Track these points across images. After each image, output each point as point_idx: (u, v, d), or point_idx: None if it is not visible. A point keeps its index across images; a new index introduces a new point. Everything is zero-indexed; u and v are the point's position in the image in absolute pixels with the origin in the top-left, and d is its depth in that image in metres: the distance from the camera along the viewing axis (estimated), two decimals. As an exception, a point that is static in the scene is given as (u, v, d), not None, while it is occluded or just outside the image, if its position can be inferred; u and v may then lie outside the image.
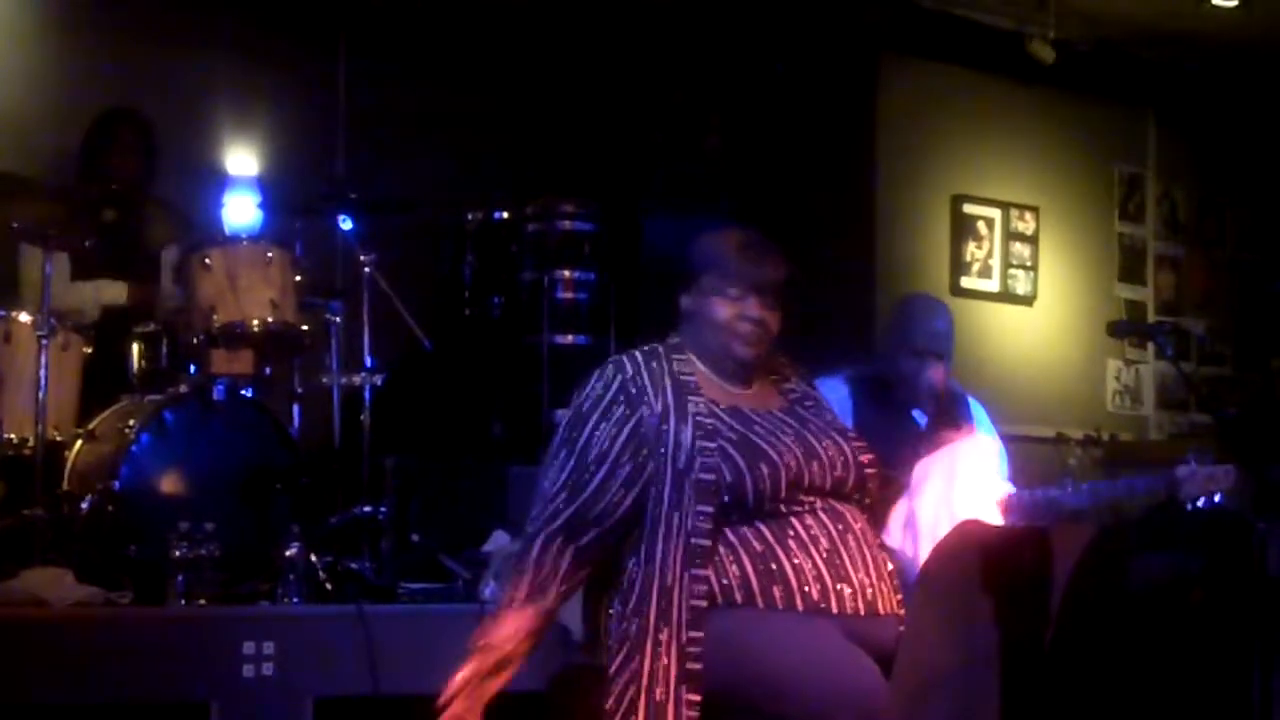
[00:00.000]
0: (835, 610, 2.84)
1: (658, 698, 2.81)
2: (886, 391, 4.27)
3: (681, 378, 2.99)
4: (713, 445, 2.88)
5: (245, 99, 6.03)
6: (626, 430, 2.93)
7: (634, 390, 2.96)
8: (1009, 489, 3.15)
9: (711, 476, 2.85)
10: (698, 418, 2.92)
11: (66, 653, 3.71)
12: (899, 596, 2.93)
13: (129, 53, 5.89)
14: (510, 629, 2.92)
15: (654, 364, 3.01)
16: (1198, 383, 7.30)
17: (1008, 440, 4.25)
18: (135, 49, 5.90)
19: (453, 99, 6.49)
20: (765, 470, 2.87)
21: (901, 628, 2.89)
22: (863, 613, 2.86)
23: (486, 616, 2.96)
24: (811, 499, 2.92)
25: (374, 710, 3.98)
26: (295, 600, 4.29)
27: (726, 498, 2.86)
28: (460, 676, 2.89)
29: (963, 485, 3.04)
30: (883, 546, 2.99)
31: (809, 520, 2.90)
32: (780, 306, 3.10)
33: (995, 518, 3.05)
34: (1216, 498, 3.80)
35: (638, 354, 3.04)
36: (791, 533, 2.88)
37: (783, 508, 2.89)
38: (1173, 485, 3.85)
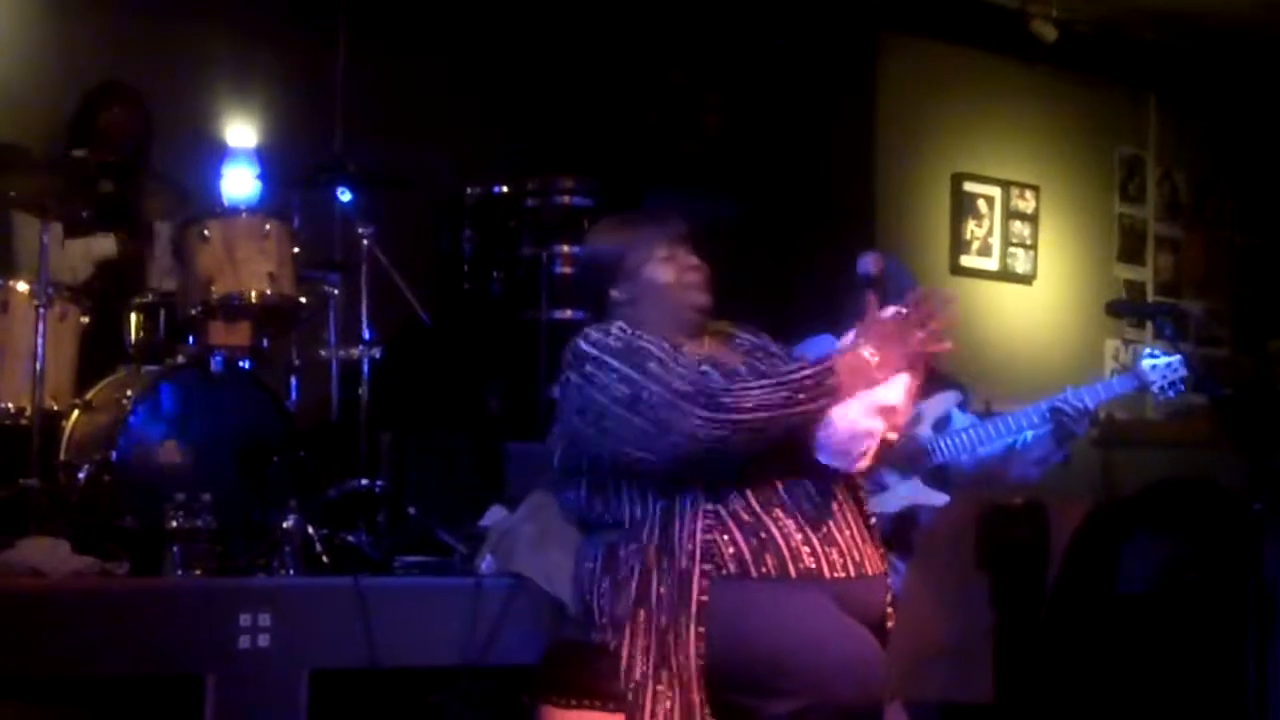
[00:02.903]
0: (827, 575, 2.85)
1: (662, 670, 2.81)
2: None
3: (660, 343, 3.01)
4: None
5: (244, 71, 6.01)
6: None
7: (629, 337, 2.97)
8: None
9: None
10: None
11: (62, 623, 3.69)
12: (882, 553, 2.95)
13: (127, 23, 5.87)
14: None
15: (624, 329, 3.03)
16: (1196, 363, 7.30)
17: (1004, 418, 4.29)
18: (133, 20, 5.88)
19: (452, 73, 6.48)
20: None
21: (888, 584, 2.92)
22: (853, 575, 2.88)
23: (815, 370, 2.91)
24: (790, 461, 2.93)
25: (370, 683, 3.98)
26: (291, 572, 4.29)
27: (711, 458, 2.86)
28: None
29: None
30: (856, 491, 3.00)
31: (793, 487, 2.92)
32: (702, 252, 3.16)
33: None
34: (1182, 387, 4.03)
35: (612, 324, 3.06)
36: (777, 501, 2.89)
37: (765, 470, 2.90)
38: (1142, 378, 4.10)
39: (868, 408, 2.86)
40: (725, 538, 2.86)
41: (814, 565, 2.85)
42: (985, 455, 4.14)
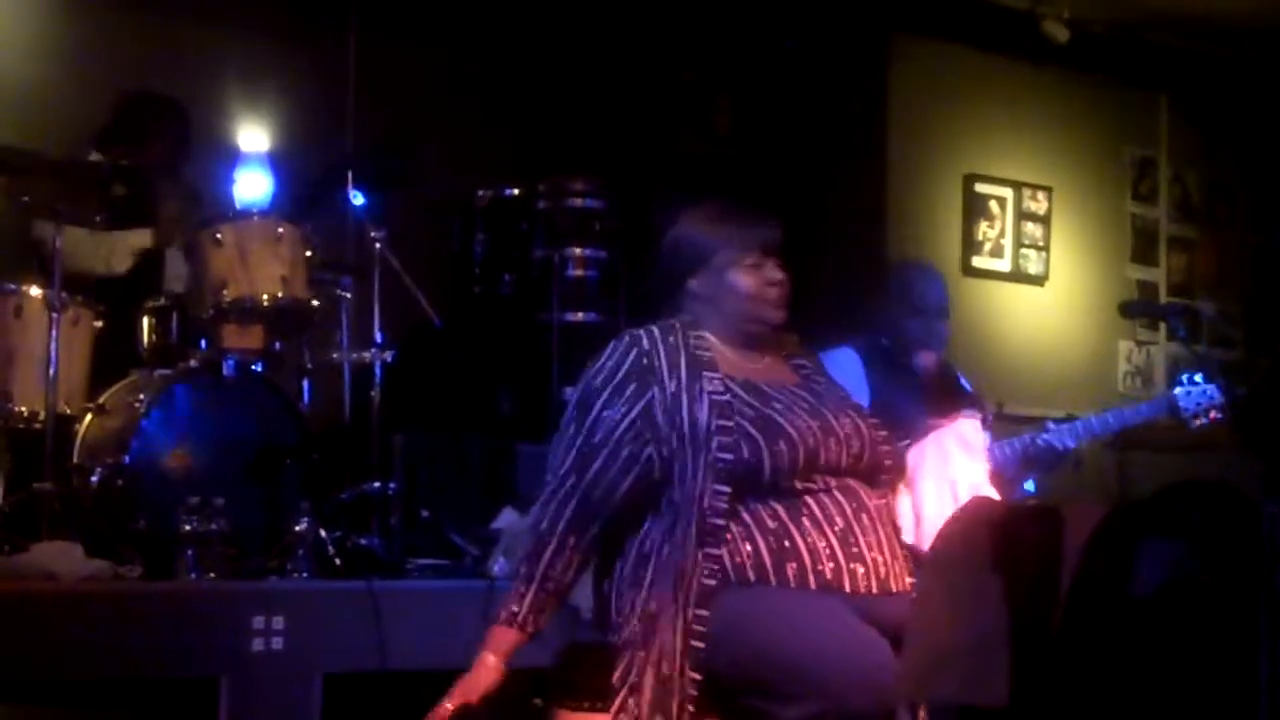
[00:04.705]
0: (849, 589, 2.83)
1: (664, 672, 2.81)
2: (892, 357, 4.36)
3: (697, 353, 2.98)
4: (730, 424, 2.86)
5: (256, 75, 6.02)
6: (636, 410, 2.92)
7: (648, 365, 2.94)
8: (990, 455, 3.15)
9: (730, 456, 2.83)
10: (714, 396, 2.90)
11: (75, 627, 3.71)
12: (912, 573, 2.93)
13: (140, 28, 5.90)
14: (510, 644, 2.96)
15: (670, 339, 2.99)
16: (1209, 364, 7.29)
17: (1016, 421, 4.28)
18: (147, 25, 5.90)
19: (463, 76, 6.49)
20: (784, 448, 2.86)
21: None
22: (875, 591, 2.85)
23: (495, 615, 2.97)
24: (827, 478, 2.91)
25: (383, 685, 3.99)
26: (304, 575, 4.29)
27: (743, 476, 2.84)
28: (460, 689, 2.92)
29: (959, 472, 3.01)
30: (897, 528, 2.99)
31: (824, 499, 2.89)
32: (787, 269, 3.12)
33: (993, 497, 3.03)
34: (1213, 415, 3.96)
35: (655, 329, 3.02)
36: (805, 511, 2.87)
37: (798, 485, 2.88)
38: (1173, 406, 4.03)
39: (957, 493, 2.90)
40: (748, 543, 2.84)
41: (835, 579, 2.83)
42: None
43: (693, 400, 2.91)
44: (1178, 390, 4.19)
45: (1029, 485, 4.30)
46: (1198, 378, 4.20)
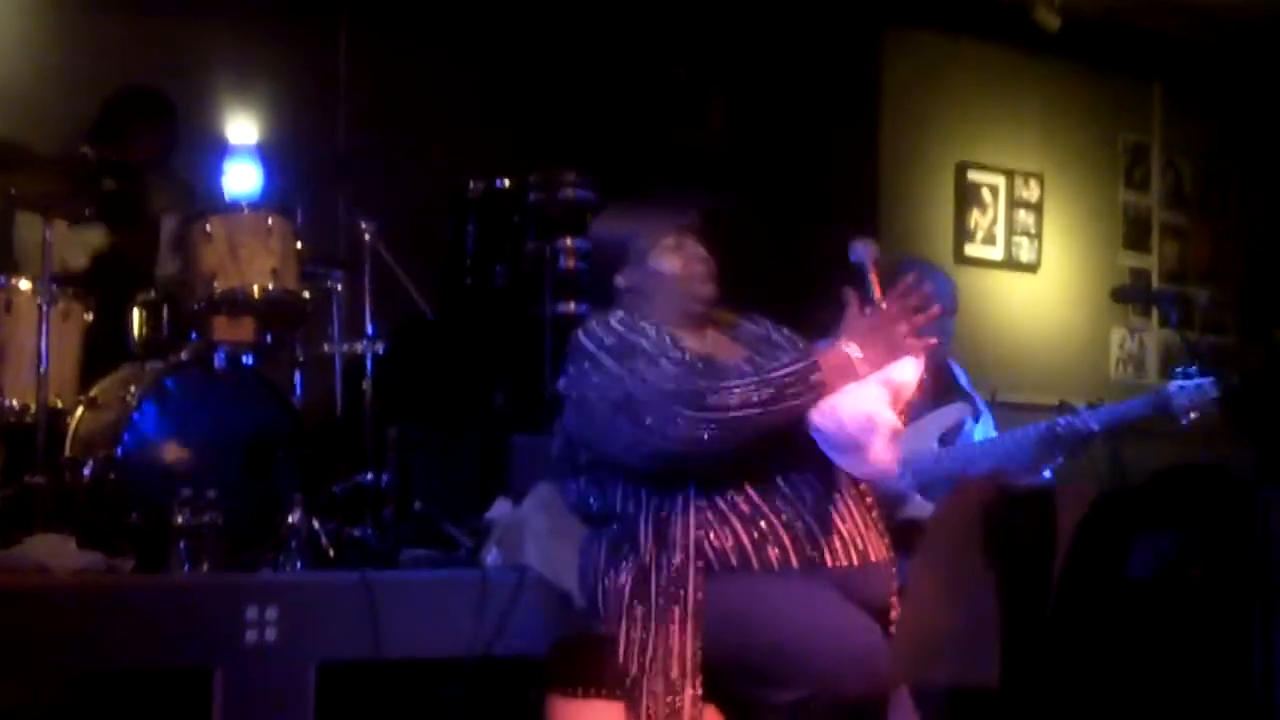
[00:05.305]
0: (830, 564, 2.85)
1: (669, 663, 2.81)
2: None
3: (654, 332, 3.01)
4: None
5: (246, 66, 6.00)
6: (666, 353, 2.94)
7: (626, 331, 2.96)
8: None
9: None
10: (684, 361, 2.93)
11: (68, 620, 3.70)
12: (887, 540, 2.94)
13: (131, 20, 5.88)
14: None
15: (625, 321, 3.02)
16: (1201, 351, 7.29)
17: (1009, 408, 4.27)
18: (137, 17, 5.89)
19: (455, 68, 6.48)
20: None
21: (894, 572, 2.91)
22: (856, 563, 2.87)
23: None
24: (789, 450, 2.91)
25: (377, 676, 3.98)
26: (298, 567, 4.29)
27: None
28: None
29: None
30: (865, 498, 2.99)
31: (793, 476, 2.90)
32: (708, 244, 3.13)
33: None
34: (1211, 409, 3.93)
35: (604, 316, 3.05)
36: (776, 491, 2.88)
37: (764, 460, 2.89)
38: (1166, 401, 4.00)
39: (876, 393, 2.82)
40: (725, 529, 2.86)
41: (815, 554, 2.84)
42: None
43: (670, 361, 2.93)
44: (1172, 385, 4.14)
45: (1046, 474, 4.26)
46: (1192, 370, 4.16)
